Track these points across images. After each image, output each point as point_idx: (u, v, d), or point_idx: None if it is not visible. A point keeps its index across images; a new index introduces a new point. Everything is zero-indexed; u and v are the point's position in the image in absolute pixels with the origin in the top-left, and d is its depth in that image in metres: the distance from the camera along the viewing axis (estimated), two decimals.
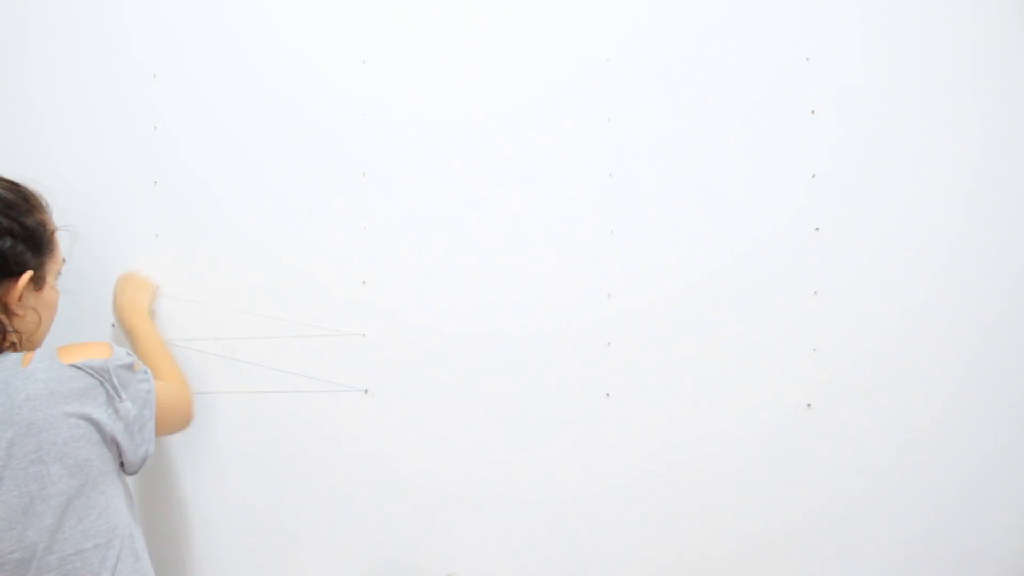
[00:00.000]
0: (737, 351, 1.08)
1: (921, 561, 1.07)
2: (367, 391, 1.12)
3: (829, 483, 1.08)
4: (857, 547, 1.08)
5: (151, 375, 0.91)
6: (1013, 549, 1.07)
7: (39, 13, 1.13)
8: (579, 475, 1.10)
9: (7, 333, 0.84)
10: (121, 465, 0.88)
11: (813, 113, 1.07)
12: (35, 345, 0.90)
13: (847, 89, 1.07)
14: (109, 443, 0.84)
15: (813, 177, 1.07)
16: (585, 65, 1.10)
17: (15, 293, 0.84)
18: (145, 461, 0.89)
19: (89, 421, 0.82)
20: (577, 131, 1.10)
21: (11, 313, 0.85)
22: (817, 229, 1.07)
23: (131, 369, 0.88)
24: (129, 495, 0.91)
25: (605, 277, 1.10)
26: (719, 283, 1.08)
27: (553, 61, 1.10)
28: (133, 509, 0.92)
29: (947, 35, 1.06)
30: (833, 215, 1.07)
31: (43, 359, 0.82)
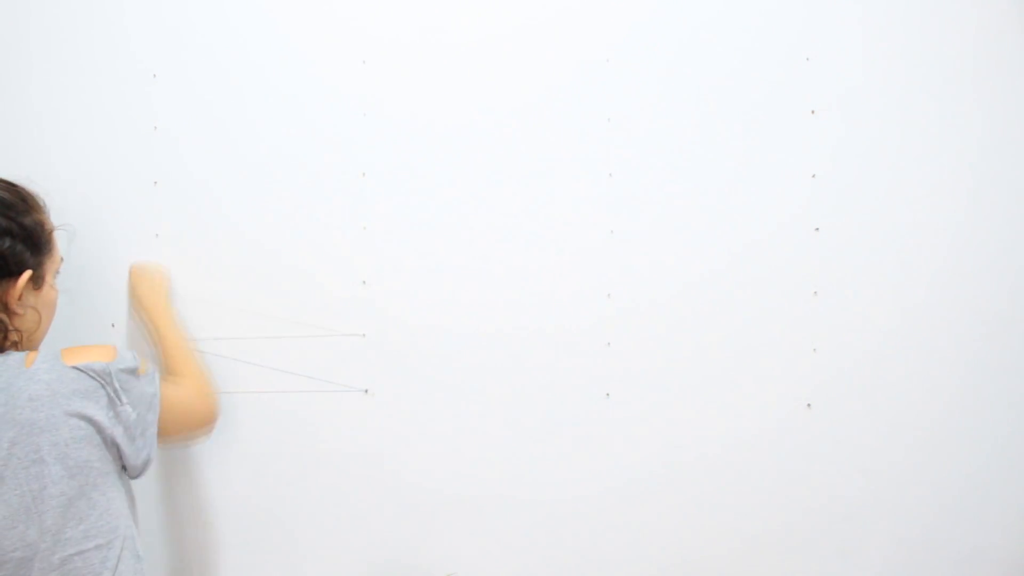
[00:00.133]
0: (737, 351, 1.08)
1: (921, 561, 1.07)
2: (367, 391, 1.12)
3: (829, 483, 1.08)
4: (857, 547, 1.08)
5: (158, 378, 0.91)
6: (1013, 549, 1.07)
7: (39, 13, 1.13)
8: (579, 475, 1.10)
9: (8, 332, 0.85)
10: (124, 469, 0.88)
11: (813, 113, 1.07)
12: (36, 344, 0.91)
13: (847, 89, 1.07)
14: (110, 445, 0.84)
15: (813, 177, 1.07)
16: (585, 65, 1.10)
17: (15, 292, 0.85)
18: (147, 465, 0.89)
19: (90, 423, 0.82)
20: (577, 131, 1.10)
21: (11, 312, 0.86)
22: (817, 229, 1.07)
23: (135, 372, 0.88)
24: (131, 497, 0.91)
25: (605, 277, 1.10)
26: (719, 283, 1.08)
27: (553, 61, 1.10)
28: (135, 511, 0.92)
29: (947, 35, 1.06)
30: (833, 215, 1.07)
31: (46, 360, 0.82)
